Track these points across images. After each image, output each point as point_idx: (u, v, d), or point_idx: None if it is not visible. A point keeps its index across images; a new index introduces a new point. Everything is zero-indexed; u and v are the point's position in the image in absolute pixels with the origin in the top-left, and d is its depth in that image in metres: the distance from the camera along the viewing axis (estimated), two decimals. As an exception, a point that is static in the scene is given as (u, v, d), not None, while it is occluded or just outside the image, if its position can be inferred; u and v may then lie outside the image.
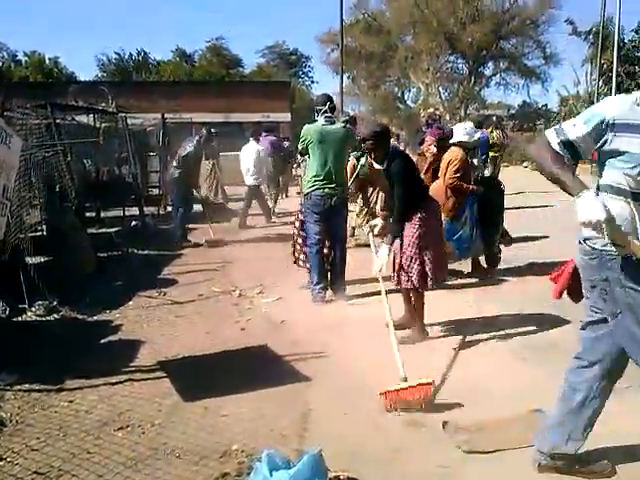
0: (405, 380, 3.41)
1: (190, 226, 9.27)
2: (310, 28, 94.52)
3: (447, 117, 36.37)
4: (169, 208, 11.56)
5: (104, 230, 8.80)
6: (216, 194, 12.54)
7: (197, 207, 9.46)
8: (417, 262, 4.24)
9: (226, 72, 40.72)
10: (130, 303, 5.64)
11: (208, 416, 3.36)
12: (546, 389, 3.36)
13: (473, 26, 36.45)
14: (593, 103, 27.27)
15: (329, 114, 5.50)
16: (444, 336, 4.55)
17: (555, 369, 3.42)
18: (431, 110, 8.41)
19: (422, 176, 5.80)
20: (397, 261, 4.34)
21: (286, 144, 14.35)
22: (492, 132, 11.00)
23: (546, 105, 43.99)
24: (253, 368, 3.98)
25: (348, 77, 42.53)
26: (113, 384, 3.78)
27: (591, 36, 33.02)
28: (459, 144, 5.99)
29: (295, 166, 15.44)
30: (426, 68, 38.20)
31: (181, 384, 3.77)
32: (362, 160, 7.53)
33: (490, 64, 41.38)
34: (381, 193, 7.78)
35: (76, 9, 71.52)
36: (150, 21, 74.77)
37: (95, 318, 5.19)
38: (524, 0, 38.11)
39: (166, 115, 13.12)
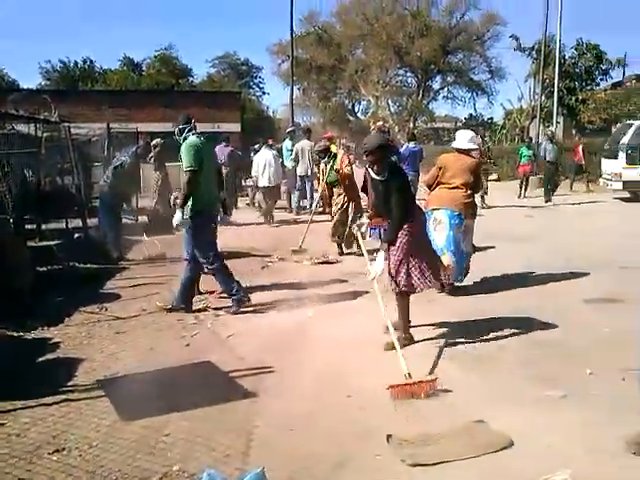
0: (409, 376, 3.69)
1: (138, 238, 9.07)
2: (261, 39, 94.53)
3: (396, 129, 36.92)
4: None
5: (45, 243, 8.48)
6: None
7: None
8: (405, 267, 4.44)
9: (175, 82, 40.19)
10: (70, 319, 5.43)
11: (148, 436, 3.25)
12: (488, 399, 3.42)
13: (421, 41, 37.18)
14: (536, 117, 28.32)
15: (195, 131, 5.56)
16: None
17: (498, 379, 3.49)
18: (380, 123, 8.55)
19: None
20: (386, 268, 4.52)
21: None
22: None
23: (492, 118, 45.25)
24: (197, 385, 3.88)
25: (299, 88, 42.69)
26: (48, 405, 3.62)
27: (534, 52, 34.07)
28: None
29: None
30: (376, 81, 38.73)
31: (120, 403, 3.64)
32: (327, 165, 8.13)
33: (438, 78, 42.29)
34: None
35: (20, 15, 69.41)
36: (97, 30, 73.16)
37: (32, 336, 4.98)
38: (470, 16, 39.14)
39: (112, 125, 12.83)
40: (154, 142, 11.64)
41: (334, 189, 8.34)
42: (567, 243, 8.65)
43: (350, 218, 7.95)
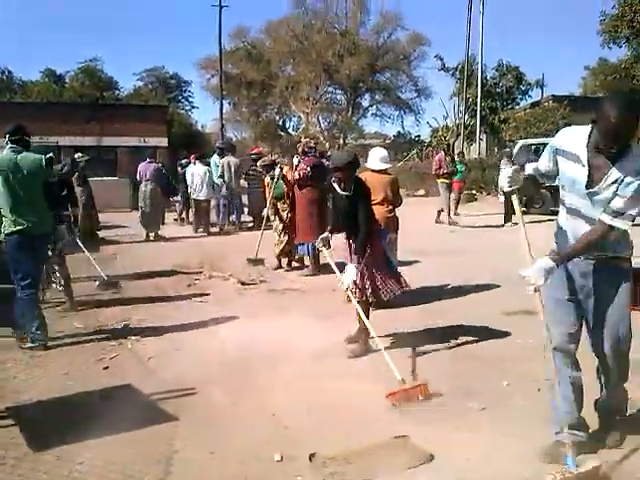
0: (404, 382, 3.86)
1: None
2: (190, 53, 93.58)
3: (327, 146, 37.31)
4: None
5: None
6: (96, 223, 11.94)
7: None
8: (370, 279, 4.59)
9: (100, 95, 39.11)
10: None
11: (61, 466, 3.07)
12: (410, 414, 3.45)
13: (350, 59, 37.88)
14: (460, 134, 29.33)
15: (15, 144, 5.06)
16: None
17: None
18: (305, 140, 8.60)
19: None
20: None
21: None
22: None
23: (419, 135, 46.47)
24: (115, 410, 3.72)
25: (229, 103, 42.57)
26: (-51, 438, 3.38)
27: (458, 72, 35.37)
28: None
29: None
30: (306, 97, 39.08)
31: (31, 432, 3.44)
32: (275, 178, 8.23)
33: (367, 96, 43.20)
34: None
35: None
36: (17, 40, 70.42)
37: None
38: (397, 36, 40.28)
39: (33, 138, 12.29)
40: (76, 157, 11.24)
41: (279, 204, 8.37)
42: (491, 257, 8.93)
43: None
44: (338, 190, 4.70)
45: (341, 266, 4.74)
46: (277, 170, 8.29)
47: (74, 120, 21.04)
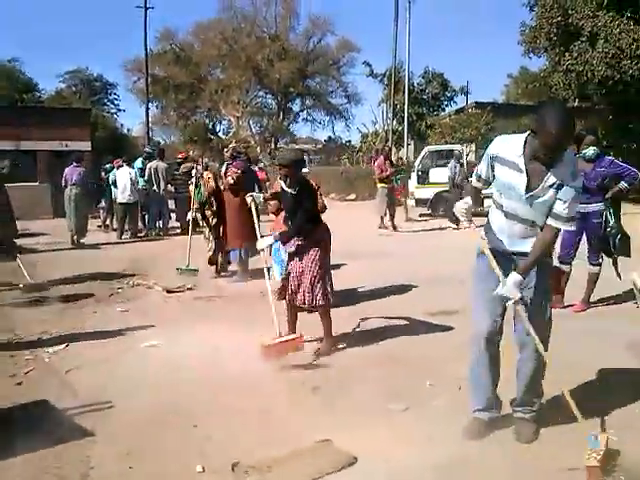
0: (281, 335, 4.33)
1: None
2: (115, 55, 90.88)
3: (258, 150, 37.18)
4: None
5: None
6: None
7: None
8: (321, 281, 4.68)
9: (19, 97, 37.39)
10: None
11: (-34, 491, 2.89)
12: (333, 417, 3.45)
13: (280, 64, 37.91)
14: (389, 140, 29.87)
15: None
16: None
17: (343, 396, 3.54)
18: (232, 145, 8.50)
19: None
20: (297, 283, 4.71)
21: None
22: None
23: (350, 141, 47.06)
24: (28, 427, 3.52)
25: (157, 106, 41.72)
26: None
27: (385, 79, 36.03)
28: None
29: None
30: (236, 101, 38.79)
31: None
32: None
33: (298, 100, 43.37)
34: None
35: None
36: None
37: None
38: (327, 42, 40.64)
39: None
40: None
41: (206, 211, 8.16)
42: (418, 260, 9.11)
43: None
44: (284, 187, 4.85)
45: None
46: (194, 173, 8.33)
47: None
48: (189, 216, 8.49)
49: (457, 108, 32.69)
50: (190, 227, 8.60)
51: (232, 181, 7.58)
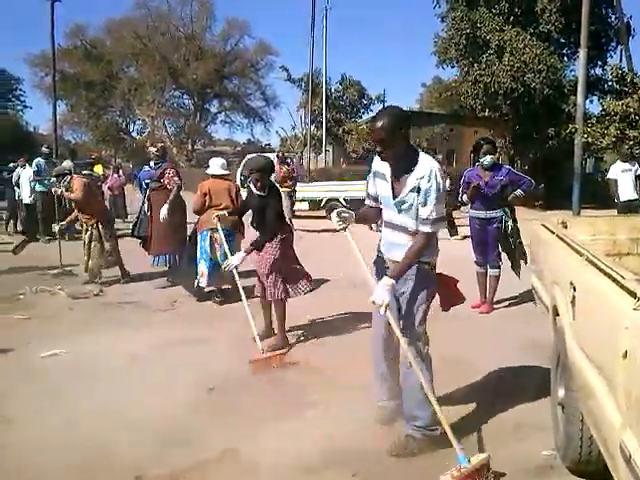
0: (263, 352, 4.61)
1: None
2: (21, 48, 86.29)
3: (174, 151, 36.38)
4: None
5: None
6: None
7: None
8: (280, 278, 4.97)
9: None
10: None
11: None
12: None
13: (196, 63, 37.35)
14: (307, 145, 30.05)
15: None
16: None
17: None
18: (153, 149, 7.97)
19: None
20: (262, 279, 5.01)
21: None
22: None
23: (269, 144, 47.02)
24: None
25: (66, 104, 39.92)
26: None
27: (303, 83, 36.26)
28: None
29: None
30: (151, 101, 37.83)
31: None
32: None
33: (215, 102, 42.89)
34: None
35: None
36: None
37: None
38: (245, 45, 40.45)
39: None
40: None
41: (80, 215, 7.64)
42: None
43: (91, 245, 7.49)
44: (254, 190, 5.10)
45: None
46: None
47: None
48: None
49: (373, 115, 33.37)
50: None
51: (176, 184, 7.30)
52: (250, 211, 5.34)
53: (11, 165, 14.13)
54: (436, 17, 21.30)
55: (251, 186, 5.16)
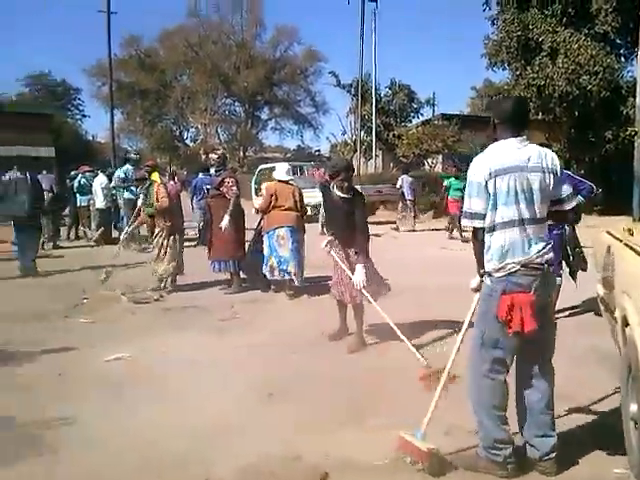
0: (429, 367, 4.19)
1: None
2: (78, 59, 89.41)
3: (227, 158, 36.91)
4: None
5: None
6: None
7: None
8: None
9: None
10: None
11: None
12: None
13: (247, 71, 37.88)
14: (357, 150, 30.01)
15: None
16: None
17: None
18: (220, 152, 8.34)
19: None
20: (343, 283, 5.10)
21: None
22: None
23: (319, 150, 47.15)
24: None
25: (122, 113, 41.13)
26: None
27: (352, 89, 36.25)
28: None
29: None
30: (203, 109, 38.58)
31: None
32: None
33: (266, 109, 43.34)
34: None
35: None
36: None
37: None
38: (294, 51, 40.79)
39: None
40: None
41: (154, 222, 7.79)
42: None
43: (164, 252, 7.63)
44: (338, 193, 5.07)
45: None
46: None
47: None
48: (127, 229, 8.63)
49: (424, 119, 33.04)
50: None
51: (235, 194, 7.49)
52: (324, 214, 5.44)
53: (72, 173, 14.64)
54: (486, 20, 20.98)
55: (335, 190, 5.12)
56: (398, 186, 16.45)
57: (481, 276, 2.99)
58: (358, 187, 6.14)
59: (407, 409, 3.47)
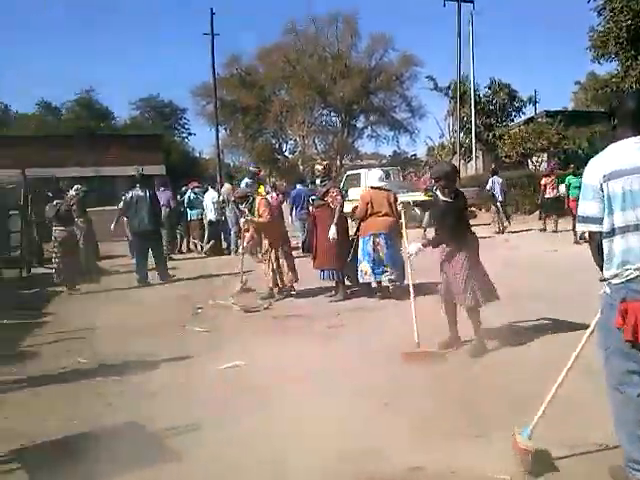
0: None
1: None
2: (185, 81, 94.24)
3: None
4: (33, 270, 10.91)
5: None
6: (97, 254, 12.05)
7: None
8: (471, 285, 4.97)
9: (96, 125, 39.36)
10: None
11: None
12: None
13: (343, 81, 38.20)
14: (456, 153, 29.39)
15: None
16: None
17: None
18: (325, 163, 8.60)
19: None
20: (449, 285, 5.11)
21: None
22: None
23: (415, 155, 46.61)
24: (118, 450, 3.55)
25: (225, 129, 42.79)
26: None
27: (450, 91, 35.59)
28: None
29: None
30: (301, 121, 39.32)
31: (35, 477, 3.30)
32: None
33: (361, 117, 43.44)
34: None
35: None
36: (11, 73, 71.15)
37: None
38: (389, 58, 40.64)
39: (30, 171, 12.39)
40: (74, 188, 11.24)
41: (261, 235, 8.00)
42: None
43: (279, 263, 7.84)
44: (441, 197, 5.17)
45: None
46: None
47: (72, 151, 21.15)
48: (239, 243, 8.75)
49: (527, 118, 31.83)
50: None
51: (339, 204, 7.62)
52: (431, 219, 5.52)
53: (183, 189, 15.43)
54: (591, 11, 19.92)
55: (438, 194, 5.22)
56: (488, 187, 16.20)
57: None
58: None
59: (529, 419, 3.33)
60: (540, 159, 26.06)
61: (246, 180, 13.12)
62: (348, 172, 23.26)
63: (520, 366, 4.64)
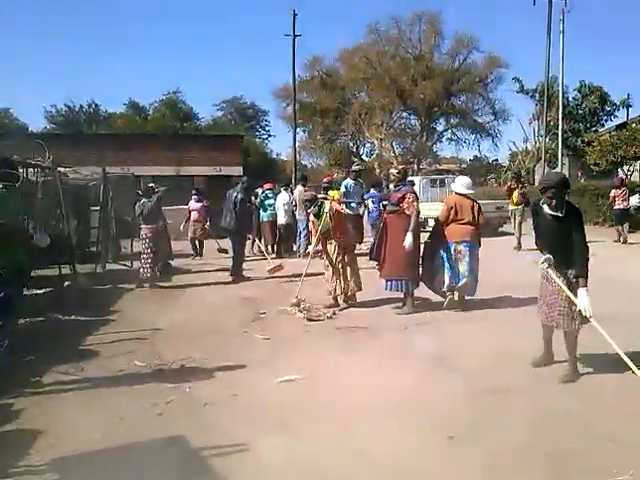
0: None
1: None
2: (267, 83, 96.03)
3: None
4: (108, 266, 11.15)
5: (33, 292, 8.09)
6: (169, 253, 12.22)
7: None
8: (568, 306, 4.59)
9: (180, 125, 40.58)
10: (39, 381, 4.99)
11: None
12: None
13: (424, 83, 37.51)
14: (541, 158, 28.15)
15: None
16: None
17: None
18: (400, 167, 8.26)
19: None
20: (549, 306, 4.73)
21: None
22: None
23: (497, 160, 45.24)
24: (162, 465, 3.43)
25: (304, 131, 43.10)
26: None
27: (537, 94, 34.23)
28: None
29: None
30: (379, 124, 38.92)
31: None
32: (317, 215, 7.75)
33: (442, 120, 42.53)
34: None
35: (27, 57, 70.85)
36: (103, 73, 74.89)
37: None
38: (473, 59, 39.54)
39: (112, 169, 12.74)
40: (153, 187, 11.42)
41: (327, 240, 7.71)
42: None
43: (345, 270, 7.59)
44: (547, 211, 4.65)
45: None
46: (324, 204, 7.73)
47: (154, 151, 21.84)
48: (309, 248, 8.69)
49: (618, 123, 30.07)
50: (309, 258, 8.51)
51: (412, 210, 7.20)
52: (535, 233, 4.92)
53: (258, 190, 15.39)
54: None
55: (543, 207, 4.70)
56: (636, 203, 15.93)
57: None
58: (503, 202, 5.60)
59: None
60: (632, 168, 24.52)
61: (348, 180, 12.71)
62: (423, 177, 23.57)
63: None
